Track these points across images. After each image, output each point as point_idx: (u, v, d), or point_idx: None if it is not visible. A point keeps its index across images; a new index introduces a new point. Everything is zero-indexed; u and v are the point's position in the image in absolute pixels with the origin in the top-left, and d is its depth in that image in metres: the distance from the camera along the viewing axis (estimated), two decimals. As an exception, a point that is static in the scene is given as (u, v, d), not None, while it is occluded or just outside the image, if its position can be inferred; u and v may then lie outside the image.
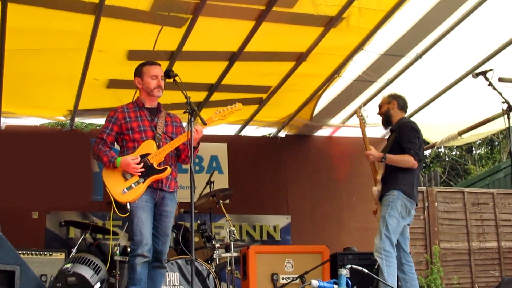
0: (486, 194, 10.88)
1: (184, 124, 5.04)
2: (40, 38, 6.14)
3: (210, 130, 4.91)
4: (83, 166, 7.64)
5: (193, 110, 4.42)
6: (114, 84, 7.15)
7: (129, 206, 4.52)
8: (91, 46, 6.20)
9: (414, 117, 7.79)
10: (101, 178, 4.66)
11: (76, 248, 6.20)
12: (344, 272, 3.90)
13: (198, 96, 7.50)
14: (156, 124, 4.75)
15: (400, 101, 5.71)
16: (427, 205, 10.26)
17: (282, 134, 9.01)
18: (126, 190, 4.53)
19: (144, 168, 4.57)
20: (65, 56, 6.51)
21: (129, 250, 4.77)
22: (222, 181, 8.33)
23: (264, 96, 7.85)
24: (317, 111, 8.30)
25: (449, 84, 7.42)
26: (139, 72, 4.82)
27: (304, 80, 7.39)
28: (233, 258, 6.15)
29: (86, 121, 9.35)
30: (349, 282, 3.90)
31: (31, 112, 7.83)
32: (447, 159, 21.79)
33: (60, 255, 6.77)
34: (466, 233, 10.50)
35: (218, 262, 6.30)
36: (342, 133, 9.01)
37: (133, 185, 4.55)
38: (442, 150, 21.20)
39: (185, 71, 5.14)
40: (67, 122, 8.21)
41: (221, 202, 6.65)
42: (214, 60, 6.90)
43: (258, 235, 8.59)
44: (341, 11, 6.02)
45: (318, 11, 6.04)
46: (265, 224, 8.65)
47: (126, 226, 5.91)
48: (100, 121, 8.26)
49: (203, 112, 7.30)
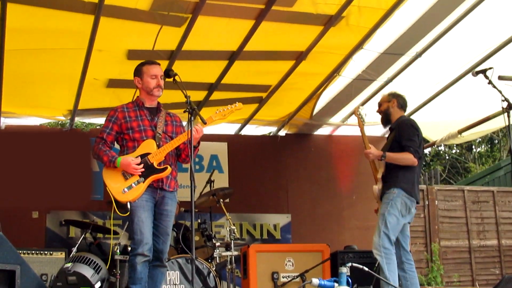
0: (486, 192, 10.90)
1: (184, 123, 5.04)
2: (39, 38, 6.14)
3: (210, 129, 4.91)
4: (83, 166, 7.65)
5: (193, 109, 4.42)
6: (114, 83, 7.15)
7: (129, 206, 4.53)
8: (91, 46, 6.20)
9: (414, 115, 7.79)
10: (101, 178, 4.66)
11: (76, 247, 6.19)
12: (344, 270, 3.89)
13: (198, 95, 7.51)
14: (156, 123, 4.75)
15: (400, 99, 5.71)
16: (427, 203, 10.28)
17: (282, 133, 9.00)
18: (126, 190, 4.53)
19: (144, 167, 4.58)
20: (64, 56, 6.51)
21: (129, 249, 4.78)
22: (222, 180, 8.33)
23: (264, 95, 7.85)
24: (317, 110, 8.30)
25: (449, 82, 7.42)
26: (139, 71, 4.82)
27: (304, 79, 7.39)
28: (233, 257, 6.14)
29: (86, 120, 9.35)
30: (349, 280, 3.89)
31: (31, 112, 7.83)
32: (447, 157, 21.79)
33: (60, 255, 6.77)
34: (467, 231, 10.53)
35: (218, 261, 6.29)
36: (342, 131, 9.01)
37: (133, 184, 4.55)
38: (442, 148, 21.20)
39: (184, 71, 5.14)
40: (67, 122, 8.21)
41: (221, 201, 6.65)
42: (213, 59, 6.90)
43: (258, 234, 8.60)
44: (340, 10, 6.02)
45: (318, 10, 6.04)
46: (265, 222, 8.65)
47: (126, 225, 5.91)
48: (100, 120, 8.26)
49: (203, 111, 7.31)
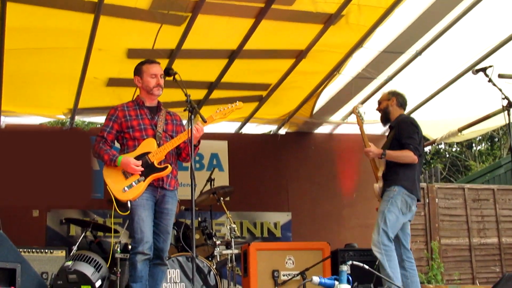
0: (486, 190, 10.90)
1: (184, 122, 5.05)
2: (39, 37, 6.14)
3: (210, 128, 4.92)
4: (84, 164, 7.66)
5: (193, 108, 4.43)
6: (114, 82, 7.15)
7: (129, 204, 4.53)
8: (91, 45, 6.20)
9: (414, 113, 7.79)
10: (101, 176, 4.67)
11: (77, 245, 6.20)
12: (345, 268, 3.89)
13: (198, 94, 7.51)
14: (156, 122, 4.76)
15: (399, 98, 5.71)
16: (428, 201, 10.28)
17: (282, 131, 9.00)
18: (126, 188, 4.54)
19: (144, 166, 4.58)
20: (64, 55, 6.51)
21: (130, 247, 4.79)
22: (222, 178, 8.34)
23: (264, 93, 7.85)
24: (317, 108, 8.30)
25: (449, 80, 7.41)
26: (139, 71, 4.83)
27: (304, 77, 7.39)
28: (234, 255, 6.15)
29: (86, 119, 9.35)
30: (350, 278, 3.90)
31: (31, 111, 7.83)
32: (448, 156, 21.79)
33: (61, 253, 6.78)
34: (467, 229, 10.53)
35: (219, 259, 6.29)
36: (342, 130, 9.01)
37: (133, 183, 4.55)
38: (442, 146, 21.20)
39: (184, 69, 5.13)
40: (67, 121, 8.22)
41: (221, 199, 6.66)
42: (213, 58, 6.90)
43: (259, 232, 8.60)
44: (340, 8, 6.01)
45: (317, 9, 6.04)
46: (265, 221, 8.65)
47: (127, 224, 5.92)
48: (100, 119, 8.26)
49: (203, 110, 7.32)
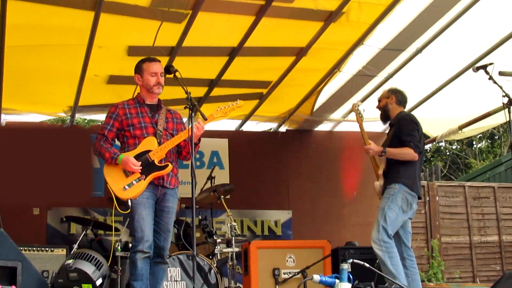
0: (487, 188, 10.90)
1: (184, 119, 5.04)
2: (40, 34, 6.14)
3: (210, 126, 4.93)
4: (84, 162, 7.66)
5: (193, 105, 4.43)
6: (114, 80, 7.14)
7: (130, 203, 4.53)
8: (91, 42, 6.19)
9: (414, 111, 7.78)
10: (101, 174, 4.66)
11: (77, 244, 6.20)
12: (345, 266, 3.89)
13: (198, 91, 7.50)
14: (157, 120, 4.75)
15: (399, 96, 5.70)
16: (428, 199, 10.28)
17: (283, 129, 8.99)
18: (127, 187, 4.53)
19: (145, 165, 4.57)
20: (65, 52, 6.50)
21: (130, 246, 4.78)
22: (223, 176, 8.33)
23: (264, 91, 7.84)
24: (317, 106, 8.30)
25: (449, 78, 7.41)
26: (139, 68, 4.82)
27: (304, 75, 7.39)
28: (234, 253, 6.14)
29: (87, 117, 9.35)
30: (350, 276, 3.89)
31: (32, 108, 7.82)
32: (448, 153, 21.78)
33: (61, 251, 6.78)
34: (467, 227, 10.52)
35: (219, 257, 6.29)
36: (343, 127, 9.00)
37: (134, 181, 4.55)
38: (443, 144, 21.20)
39: (185, 67, 5.13)
40: (68, 118, 8.21)
41: (222, 197, 6.65)
42: (214, 55, 6.90)
43: (259, 230, 8.60)
44: (340, 6, 6.01)
45: (318, 6, 6.03)
46: (266, 219, 8.65)
47: (127, 222, 5.90)
48: (100, 117, 8.26)
49: (204, 107, 7.31)
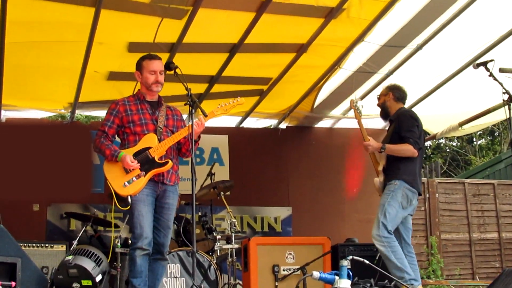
0: (486, 185, 10.90)
1: (184, 116, 5.03)
2: (40, 30, 6.13)
3: (211, 122, 4.93)
4: (84, 158, 7.66)
5: (193, 102, 4.43)
6: (114, 76, 7.13)
7: (129, 199, 4.53)
8: (91, 39, 6.18)
9: (414, 108, 7.77)
10: (101, 170, 4.66)
11: (77, 240, 6.19)
12: (345, 263, 3.89)
13: (198, 88, 7.50)
14: (157, 117, 4.75)
15: (396, 92, 5.69)
16: (428, 196, 10.28)
17: (283, 125, 8.99)
18: (127, 184, 4.53)
19: (145, 161, 4.57)
20: (65, 48, 6.49)
21: (129, 242, 4.79)
22: (223, 173, 8.33)
23: (264, 87, 7.83)
24: (317, 103, 8.29)
25: (450, 75, 7.40)
26: (139, 66, 4.82)
27: (304, 71, 7.38)
28: (234, 250, 6.14)
29: (87, 113, 9.35)
30: (350, 273, 3.89)
31: (32, 104, 7.81)
32: (448, 150, 21.79)
33: (61, 247, 6.78)
34: (467, 224, 10.53)
35: (219, 254, 6.29)
36: (343, 124, 9.00)
37: (134, 178, 4.55)
38: (443, 141, 21.19)
39: (185, 63, 5.12)
40: (68, 115, 8.20)
41: (222, 194, 6.65)
42: (214, 52, 6.89)
43: (259, 227, 8.60)
44: (341, 2, 6.00)
45: (319, 2, 6.02)
46: (266, 215, 8.65)
47: (127, 219, 5.91)
48: (100, 113, 8.25)
49: (204, 104, 7.29)
